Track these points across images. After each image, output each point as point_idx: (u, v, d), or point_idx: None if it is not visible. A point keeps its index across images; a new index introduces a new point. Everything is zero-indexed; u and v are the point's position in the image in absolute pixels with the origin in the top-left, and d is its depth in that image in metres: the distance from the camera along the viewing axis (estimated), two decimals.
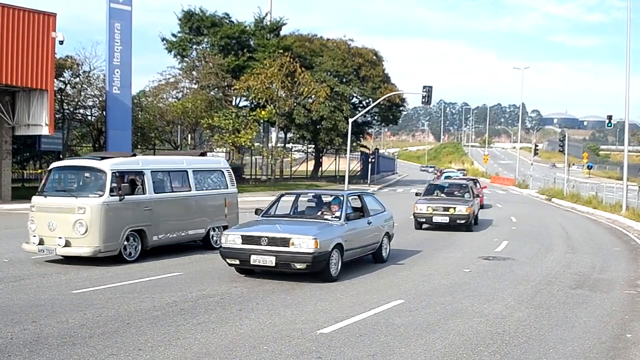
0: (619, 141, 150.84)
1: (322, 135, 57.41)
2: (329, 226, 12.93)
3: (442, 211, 22.84)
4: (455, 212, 22.67)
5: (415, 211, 23.22)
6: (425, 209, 23.07)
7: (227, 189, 17.52)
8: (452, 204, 23.24)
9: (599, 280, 13.93)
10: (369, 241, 14.39)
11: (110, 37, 34.32)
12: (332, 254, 12.34)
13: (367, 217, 14.46)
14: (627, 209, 31.77)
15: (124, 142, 35.45)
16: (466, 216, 22.67)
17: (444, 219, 22.72)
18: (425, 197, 24.74)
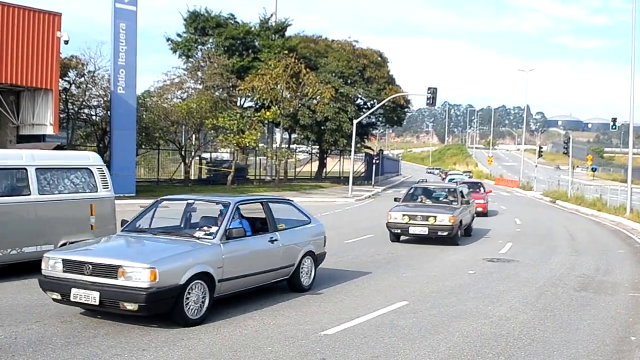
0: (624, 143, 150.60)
1: (327, 136, 57.40)
2: (194, 248, 9.53)
3: (421, 220, 18.95)
4: (436, 221, 18.76)
5: (389, 220, 19.40)
6: (400, 217, 19.25)
7: (96, 193, 13.61)
8: (434, 211, 19.25)
9: (603, 282, 13.91)
10: (273, 265, 10.85)
11: (115, 37, 34.36)
12: (191, 289, 8.93)
13: (272, 232, 11.05)
14: (631, 211, 31.71)
15: (129, 142, 35.52)
16: (449, 227, 18.69)
17: (422, 230, 18.86)
18: (404, 203, 20.97)
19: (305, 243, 11.86)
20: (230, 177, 45.15)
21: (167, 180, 48.09)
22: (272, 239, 10.93)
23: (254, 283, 10.47)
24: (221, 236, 9.77)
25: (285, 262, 11.18)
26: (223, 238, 9.77)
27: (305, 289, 11.62)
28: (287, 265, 11.24)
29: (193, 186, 44.73)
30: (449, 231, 18.79)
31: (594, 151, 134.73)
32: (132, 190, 34.89)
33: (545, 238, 22.61)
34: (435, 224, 18.75)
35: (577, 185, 50.90)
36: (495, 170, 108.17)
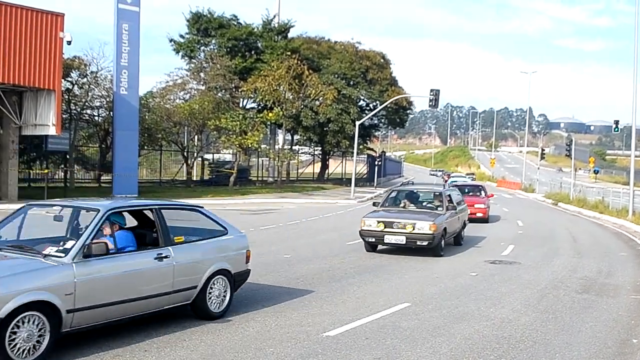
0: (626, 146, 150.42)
1: (329, 138, 57.37)
2: (30, 269, 7.33)
3: (398, 228, 16.51)
4: (415, 230, 16.33)
5: (362, 227, 16.92)
6: (375, 224, 16.77)
7: None
8: (413, 218, 16.81)
9: (605, 285, 13.90)
10: (162, 289, 8.66)
11: (118, 38, 34.43)
12: (21, 324, 6.88)
13: (163, 247, 8.86)
14: (634, 214, 31.69)
15: (131, 142, 35.58)
16: (428, 236, 16.24)
17: (399, 239, 16.45)
18: (383, 208, 18.49)
19: (215, 260, 9.56)
20: (233, 178, 45.20)
21: (170, 181, 48.15)
22: (161, 255, 8.71)
23: (130, 312, 8.28)
24: (75, 253, 7.65)
25: (183, 284, 8.99)
26: (79, 256, 7.65)
27: (215, 316, 9.45)
28: (185, 288, 9.04)
29: (195, 187, 44.80)
30: (429, 240, 16.34)
31: (597, 153, 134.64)
32: (135, 191, 34.94)
33: (547, 240, 22.59)
34: (413, 232, 16.34)
35: (580, 187, 50.87)
36: (497, 172, 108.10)
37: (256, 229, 22.58)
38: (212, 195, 38.00)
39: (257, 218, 27.37)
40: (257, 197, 39.52)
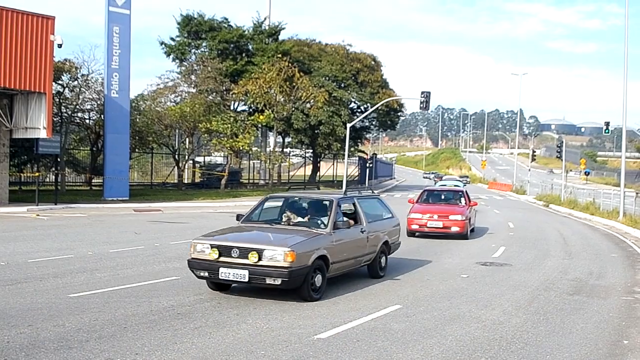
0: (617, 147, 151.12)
1: (320, 140, 57.43)
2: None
3: (237, 258, 10.82)
4: (261, 260, 10.62)
5: (192, 254, 11.38)
6: (207, 250, 11.11)
7: None
8: (262, 242, 11.15)
9: (596, 286, 13.95)
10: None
11: (109, 41, 34.38)
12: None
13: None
14: (624, 215, 31.81)
15: (122, 145, 35.53)
16: (282, 271, 10.51)
17: (239, 275, 10.71)
18: (246, 221, 12.85)
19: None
20: (224, 181, 45.15)
21: (161, 184, 48.06)
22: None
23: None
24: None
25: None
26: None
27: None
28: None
29: (186, 190, 44.73)
30: (283, 278, 10.44)
31: (587, 155, 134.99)
32: (126, 194, 34.90)
33: (538, 242, 22.64)
34: (259, 264, 10.57)
35: (570, 189, 51.02)
36: (488, 174, 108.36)
37: None
38: (203, 198, 37.97)
39: None
40: (249, 199, 39.46)
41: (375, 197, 15.55)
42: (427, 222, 22.38)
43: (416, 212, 22.96)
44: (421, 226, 22.51)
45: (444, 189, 27.82)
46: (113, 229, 22.17)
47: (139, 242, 18.54)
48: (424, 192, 25.68)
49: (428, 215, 22.54)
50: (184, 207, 33.33)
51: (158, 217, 27.91)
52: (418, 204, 24.04)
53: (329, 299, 11.46)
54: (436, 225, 22.33)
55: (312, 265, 10.95)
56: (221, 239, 11.37)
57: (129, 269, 13.80)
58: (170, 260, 15.28)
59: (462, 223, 22.26)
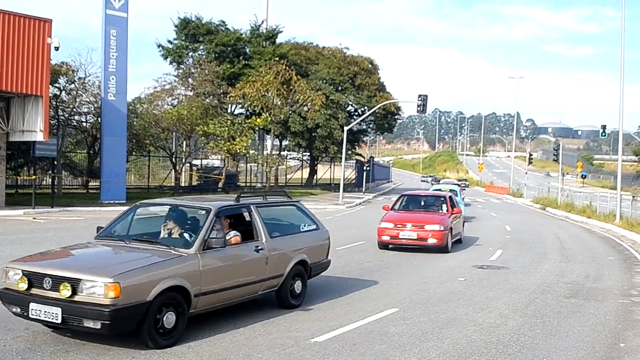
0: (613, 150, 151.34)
1: (317, 143, 57.47)
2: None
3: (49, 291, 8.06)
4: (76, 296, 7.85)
5: None
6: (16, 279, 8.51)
7: None
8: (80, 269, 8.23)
9: (593, 289, 13.97)
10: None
11: (106, 44, 34.36)
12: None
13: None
14: (621, 218, 31.85)
15: (119, 148, 35.49)
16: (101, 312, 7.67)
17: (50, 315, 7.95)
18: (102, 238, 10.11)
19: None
20: (221, 184, 45.10)
21: (158, 187, 48.01)
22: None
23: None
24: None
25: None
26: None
27: None
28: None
29: (183, 193, 44.66)
30: (103, 321, 7.69)
31: (584, 158, 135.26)
32: (123, 197, 34.84)
33: (535, 245, 22.66)
34: (74, 301, 7.89)
35: (567, 192, 51.08)
36: (485, 177, 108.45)
37: None
38: None
39: None
40: None
41: (293, 203, 12.22)
42: (399, 233, 19.02)
43: (388, 220, 19.56)
44: (393, 237, 19.11)
45: (424, 194, 24.45)
46: None
47: None
48: (401, 198, 22.32)
49: (401, 225, 19.22)
50: None
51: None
52: (393, 212, 20.77)
53: (325, 302, 11.46)
54: (410, 237, 18.93)
55: (155, 300, 8.05)
56: (35, 263, 8.66)
57: None
58: None
59: (440, 234, 18.80)
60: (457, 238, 21.28)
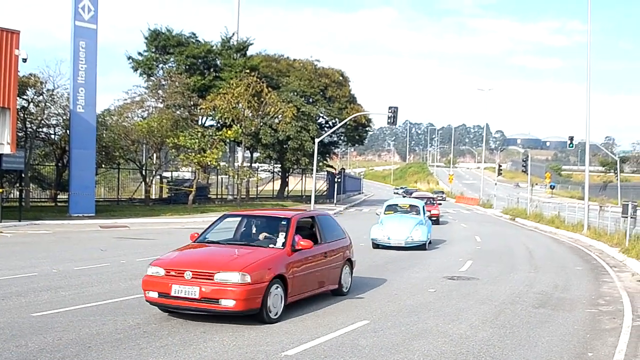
0: (581, 161, 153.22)
1: (289, 155, 57.49)
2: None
3: None
4: None
5: None
6: None
7: None
8: None
9: (562, 299, 14.10)
10: None
11: (75, 56, 34.09)
12: None
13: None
14: (589, 228, 32.23)
15: (88, 161, 35.18)
16: None
17: None
18: None
19: None
20: (192, 196, 44.89)
21: (128, 200, 47.64)
22: None
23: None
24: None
25: None
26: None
27: None
28: None
29: (153, 205, 44.37)
30: None
31: (552, 169, 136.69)
32: (92, 210, 34.51)
33: (504, 255, 22.85)
34: None
35: (536, 202, 51.60)
36: (456, 188, 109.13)
37: None
38: (170, 214, 37.67)
39: None
40: (217, 215, 39.04)
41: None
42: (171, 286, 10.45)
43: (160, 264, 10.89)
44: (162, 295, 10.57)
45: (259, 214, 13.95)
46: (78, 246, 21.92)
47: (104, 259, 18.33)
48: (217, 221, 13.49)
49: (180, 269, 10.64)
50: (151, 223, 33.04)
51: (124, 233, 27.64)
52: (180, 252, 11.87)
53: (296, 315, 11.43)
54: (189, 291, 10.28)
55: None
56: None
57: (94, 287, 13.63)
58: (136, 277, 15.09)
59: (240, 292, 10.16)
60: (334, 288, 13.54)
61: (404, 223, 24.07)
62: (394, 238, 23.36)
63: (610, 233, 28.54)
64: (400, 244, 23.19)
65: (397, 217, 25.24)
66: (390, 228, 23.73)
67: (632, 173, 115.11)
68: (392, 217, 25.27)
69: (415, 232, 23.39)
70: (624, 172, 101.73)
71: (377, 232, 23.92)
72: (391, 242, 23.32)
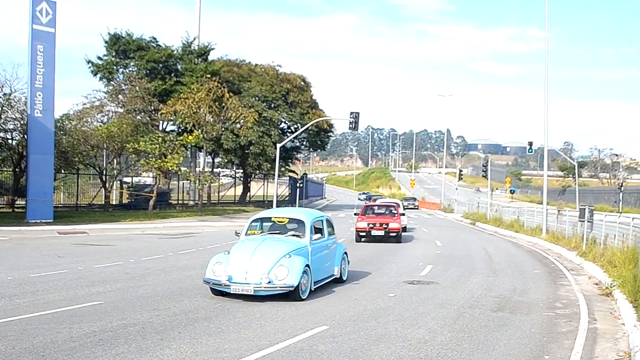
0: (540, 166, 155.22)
1: (251, 160, 57.36)
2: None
3: None
4: None
5: None
6: None
7: None
8: None
9: (519, 302, 14.24)
10: None
11: (33, 59, 33.55)
12: None
13: None
14: (547, 232, 32.66)
15: (46, 166, 34.62)
16: None
17: None
18: None
19: None
20: (152, 202, 44.48)
21: (87, 206, 47.04)
22: None
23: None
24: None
25: None
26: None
27: None
28: None
29: (113, 211, 43.88)
30: None
31: (513, 174, 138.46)
32: (50, 216, 33.97)
33: (464, 260, 23.02)
34: None
35: (496, 207, 52.15)
36: (417, 193, 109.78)
37: (175, 254, 22.30)
38: (130, 220, 37.29)
39: (177, 242, 26.98)
40: (178, 220, 39.03)
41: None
42: None
43: None
44: None
45: None
46: (35, 253, 21.56)
47: (62, 265, 18.06)
48: None
49: None
50: (110, 229, 32.65)
51: (83, 239, 27.28)
52: None
53: (255, 320, 11.38)
54: None
55: None
56: None
57: (50, 294, 13.41)
58: (93, 284, 14.92)
59: None
60: None
61: (263, 253, 13.70)
62: (237, 280, 13.28)
63: (568, 237, 28.94)
64: (247, 291, 13.16)
65: (254, 243, 14.25)
66: (236, 262, 13.57)
67: (590, 178, 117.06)
68: (249, 241, 14.55)
69: (279, 270, 13.33)
70: (582, 176, 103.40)
71: (216, 267, 13.71)
72: (231, 287, 13.23)
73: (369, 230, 28.92)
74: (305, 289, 13.80)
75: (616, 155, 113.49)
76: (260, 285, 13.12)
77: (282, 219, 15.81)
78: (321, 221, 16.20)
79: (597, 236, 24.36)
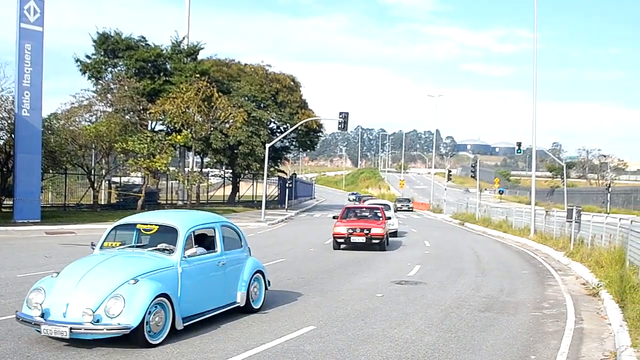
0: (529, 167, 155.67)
1: (240, 160, 57.30)
2: None
3: None
4: None
5: None
6: None
7: None
8: None
9: (507, 302, 14.26)
10: None
11: (20, 58, 33.38)
12: None
13: None
14: (535, 232, 32.75)
15: (34, 166, 34.46)
16: None
17: None
18: None
19: None
20: (141, 201, 44.34)
21: (75, 206, 46.84)
22: None
23: None
24: None
25: None
26: None
27: None
28: None
29: (102, 211, 43.71)
30: None
31: (501, 174, 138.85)
32: (38, 216, 33.84)
33: (452, 260, 23.05)
34: None
35: (485, 207, 52.29)
36: (407, 193, 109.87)
37: None
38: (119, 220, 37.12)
39: None
40: None
41: None
42: None
43: None
44: None
45: None
46: (22, 253, 21.46)
47: (49, 266, 17.92)
48: None
49: None
50: (98, 229, 32.44)
51: (71, 239, 27.16)
52: None
53: (241, 320, 11.35)
54: None
55: None
56: None
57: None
58: None
59: None
60: None
61: (96, 277, 9.63)
62: (54, 316, 9.19)
63: (556, 237, 29.03)
64: (61, 334, 8.99)
65: (94, 261, 10.25)
66: (58, 290, 9.55)
67: (578, 178, 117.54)
68: (90, 258, 10.60)
69: (112, 303, 9.21)
70: (570, 177, 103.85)
71: (33, 296, 9.69)
72: (41, 327, 9.11)
73: (348, 236, 25.12)
74: (159, 331, 9.59)
75: (604, 156, 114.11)
76: (81, 326, 8.90)
77: (149, 226, 11.43)
78: (213, 229, 11.78)
79: (584, 237, 24.42)
